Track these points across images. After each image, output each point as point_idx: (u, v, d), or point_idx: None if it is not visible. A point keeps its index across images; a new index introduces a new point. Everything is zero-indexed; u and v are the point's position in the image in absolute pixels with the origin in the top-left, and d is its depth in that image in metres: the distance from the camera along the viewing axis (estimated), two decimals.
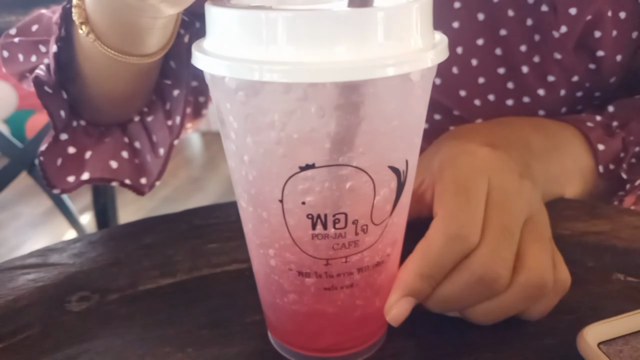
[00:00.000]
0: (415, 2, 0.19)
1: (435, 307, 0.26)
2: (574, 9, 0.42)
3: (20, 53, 0.40)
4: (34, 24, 0.40)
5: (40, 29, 0.40)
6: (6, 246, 2.12)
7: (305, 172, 0.20)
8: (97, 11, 0.31)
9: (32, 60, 0.39)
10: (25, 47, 0.39)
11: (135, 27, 0.31)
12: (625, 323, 0.26)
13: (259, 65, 0.18)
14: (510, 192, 0.27)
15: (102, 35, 0.32)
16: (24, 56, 0.39)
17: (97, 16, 0.31)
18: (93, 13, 0.31)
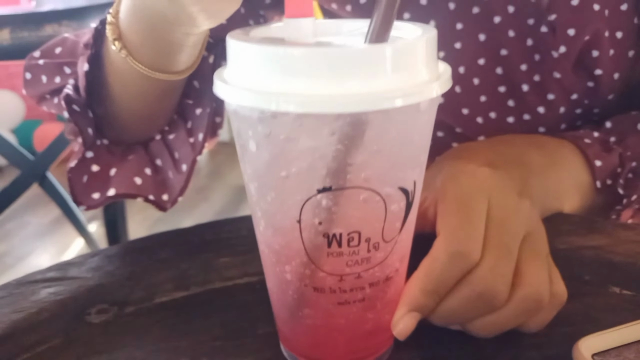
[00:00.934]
0: (421, 37, 0.21)
1: (439, 321, 0.28)
2: (573, 30, 0.43)
3: (43, 75, 0.41)
4: (58, 47, 0.41)
5: (64, 51, 0.41)
6: (14, 255, 2.14)
7: (321, 195, 0.21)
8: (131, 27, 0.33)
9: (55, 82, 0.41)
10: (49, 69, 0.41)
11: (167, 44, 0.32)
12: (619, 335, 0.27)
13: (278, 96, 0.19)
14: (509, 210, 0.28)
15: (134, 51, 0.34)
16: (48, 78, 0.41)
17: (131, 32, 0.33)
18: (127, 29, 0.33)
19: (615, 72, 0.45)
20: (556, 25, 0.43)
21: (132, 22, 0.33)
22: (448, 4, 0.44)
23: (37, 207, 2.33)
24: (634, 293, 0.33)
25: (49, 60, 0.41)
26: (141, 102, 0.39)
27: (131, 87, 0.38)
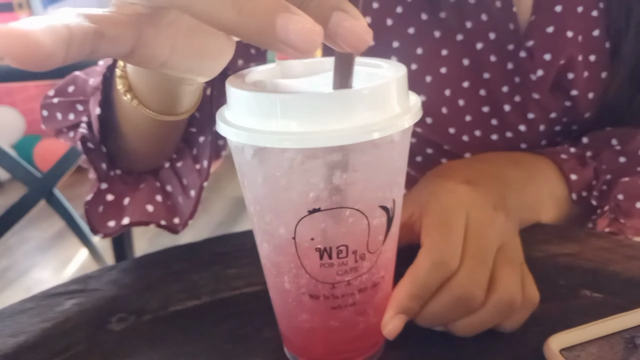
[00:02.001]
0: (393, 78, 0.24)
1: (424, 322, 0.31)
2: (549, 55, 0.47)
3: (58, 112, 0.44)
4: (70, 85, 0.45)
5: (77, 90, 0.44)
6: (16, 269, 2.17)
7: (312, 215, 0.25)
8: (139, 81, 0.36)
9: (69, 119, 0.44)
10: (63, 106, 0.44)
11: (173, 93, 0.35)
12: (585, 332, 0.30)
13: (272, 135, 0.22)
14: (485, 224, 0.32)
15: (143, 99, 0.36)
16: (62, 115, 0.44)
17: (140, 85, 0.36)
18: (136, 83, 0.36)
19: (589, 92, 0.48)
20: (533, 50, 0.47)
21: (140, 77, 0.36)
22: (434, 33, 0.47)
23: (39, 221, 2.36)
24: (603, 295, 0.36)
25: (63, 98, 0.44)
26: (150, 138, 0.42)
27: (141, 127, 0.40)
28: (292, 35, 0.18)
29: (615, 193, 0.46)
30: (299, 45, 0.18)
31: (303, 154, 0.23)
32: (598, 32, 0.47)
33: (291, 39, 0.18)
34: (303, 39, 0.18)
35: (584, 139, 0.49)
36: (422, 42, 0.47)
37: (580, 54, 0.47)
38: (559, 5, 0.46)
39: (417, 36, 0.47)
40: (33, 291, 1.39)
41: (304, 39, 0.18)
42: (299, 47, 0.18)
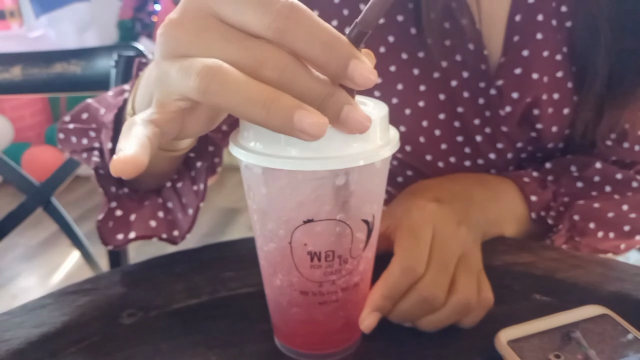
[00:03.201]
0: (377, 118, 0.30)
1: (395, 319, 0.36)
2: (516, 94, 0.52)
3: (73, 136, 0.49)
4: (84, 112, 0.49)
5: (90, 117, 0.49)
6: (2, 276, 2.18)
7: (306, 225, 0.30)
8: None
9: (83, 143, 0.48)
10: (77, 132, 0.49)
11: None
12: (529, 327, 0.36)
13: (276, 158, 0.28)
14: (448, 236, 0.37)
15: None
16: (77, 139, 0.48)
17: None
18: None
19: (553, 126, 0.54)
20: (502, 89, 0.52)
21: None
22: (413, 70, 0.52)
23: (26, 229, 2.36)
24: (551, 299, 0.41)
25: (77, 125, 0.49)
26: (155, 167, 0.45)
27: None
28: (306, 126, 0.24)
29: (572, 214, 0.52)
30: (311, 132, 0.24)
31: (301, 174, 0.29)
32: (562, 73, 0.52)
33: (305, 128, 0.24)
34: (314, 128, 0.24)
35: (547, 164, 0.55)
36: (402, 79, 0.53)
37: (545, 93, 0.52)
38: (526, 50, 0.51)
39: (398, 73, 0.53)
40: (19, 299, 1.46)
41: (315, 128, 0.24)
42: (311, 134, 0.24)
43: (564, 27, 0.51)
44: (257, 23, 0.24)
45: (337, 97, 0.25)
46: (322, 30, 0.24)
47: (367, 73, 0.25)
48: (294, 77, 0.25)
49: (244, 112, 0.24)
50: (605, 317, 0.37)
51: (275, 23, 0.24)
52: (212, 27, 0.25)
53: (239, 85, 0.24)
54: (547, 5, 0.51)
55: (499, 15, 0.52)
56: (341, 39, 0.25)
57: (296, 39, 0.24)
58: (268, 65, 0.24)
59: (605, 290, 0.41)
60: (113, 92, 0.50)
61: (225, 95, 0.24)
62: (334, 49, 0.24)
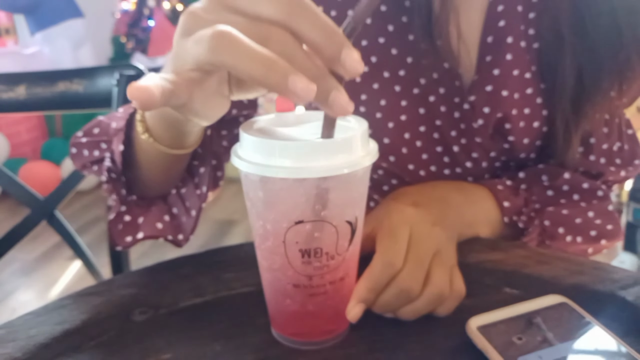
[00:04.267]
0: (358, 132, 0.35)
1: (378, 310, 0.41)
2: (487, 109, 0.57)
3: (85, 149, 0.53)
4: (95, 127, 0.54)
5: (101, 131, 0.53)
6: (1, 290, 2.21)
7: (297, 225, 0.35)
8: (155, 124, 0.44)
9: (94, 155, 0.53)
10: (90, 145, 0.53)
11: (181, 132, 0.44)
12: (497, 315, 0.41)
13: (271, 167, 0.33)
14: (424, 236, 0.42)
15: (157, 137, 0.45)
16: (89, 152, 0.53)
17: (155, 126, 0.44)
18: (152, 125, 0.44)
19: (525, 138, 0.59)
20: (475, 104, 0.57)
21: (155, 121, 0.44)
22: (394, 87, 0.57)
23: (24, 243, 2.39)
24: (519, 291, 0.46)
25: (90, 138, 0.53)
26: (161, 168, 0.50)
27: (154, 159, 0.49)
28: (298, 88, 0.27)
29: (543, 219, 0.57)
30: (300, 94, 0.28)
31: (293, 182, 0.33)
32: (531, 90, 0.57)
33: (297, 90, 0.27)
34: (304, 91, 0.28)
35: (520, 173, 0.60)
36: (385, 95, 0.58)
37: (515, 109, 0.57)
38: (497, 69, 0.56)
39: (381, 90, 0.58)
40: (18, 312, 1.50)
41: (304, 91, 0.28)
42: (300, 96, 0.28)
43: (532, 48, 0.57)
44: (269, 9, 0.29)
45: (328, 80, 0.30)
46: (323, 20, 0.29)
47: (356, 61, 0.29)
48: (294, 55, 0.29)
49: (247, 69, 0.28)
50: (563, 305, 0.42)
51: (286, 9, 0.29)
52: (228, 14, 0.30)
53: (245, 46, 0.28)
54: (516, 29, 0.56)
55: (472, 36, 0.58)
56: (338, 30, 0.30)
57: (301, 23, 0.29)
58: (272, 40, 0.29)
59: (566, 283, 0.46)
60: (123, 108, 0.55)
61: (232, 53, 0.28)
62: (331, 37, 0.29)
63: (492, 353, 0.37)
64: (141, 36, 3.72)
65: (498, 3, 0.56)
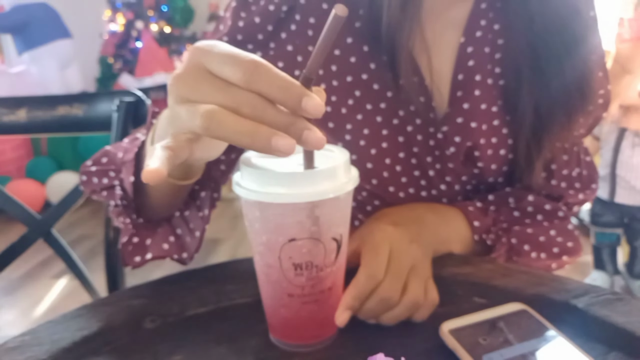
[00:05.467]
0: (341, 162, 0.41)
1: (362, 316, 0.47)
2: (458, 138, 0.64)
3: (95, 177, 0.58)
4: (103, 157, 0.59)
5: (109, 160, 0.59)
6: None
7: (291, 242, 0.41)
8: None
9: (104, 182, 0.58)
10: (98, 173, 0.58)
11: (187, 167, 0.49)
12: (466, 319, 0.47)
13: (268, 194, 0.39)
14: (402, 251, 0.49)
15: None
16: (98, 179, 0.58)
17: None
18: None
19: (492, 164, 0.65)
20: (447, 134, 0.64)
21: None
22: (376, 118, 0.63)
23: None
24: (486, 301, 0.52)
25: (99, 167, 0.59)
26: (167, 196, 0.55)
27: (162, 189, 0.53)
28: (280, 147, 0.33)
29: (510, 237, 0.64)
30: (283, 150, 0.33)
31: (287, 206, 0.39)
32: (498, 122, 0.64)
33: (280, 148, 0.33)
34: (286, 147, 0.33)
35: (490, 196, 0.67)
36: (367, 125, 0.64)
37: (483, 138, 0.64)
38: (467, 104, 0.63)
39: (364, 121, 0.64)
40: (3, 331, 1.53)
41: (286, 147, 0.33)
42: (284, 152, 0.33)
43: (498, 84, 0.64)
44: (232, 76, 0.34)
45: (298, 124, 0.35)
46: (279, 78, 0.34)
47: (316, 105, 0.34)
48: (264, 113, 0.34)
49: (236, 141, 0.34)
50: (523, 312, 0.48)
51: (244, 76, 0.34)
52: (204, 78, 0.35)
53: (230, 123, 0.34)
54: (484, 68, 0.64)
55: (445, 73, 0.65)
56: (294, 83, 0.34)
57: (260, 85, 0.34)
58: (243, 106, 0.34)
59: (527, 293, 0.52)
60: (128, 139, 0.61)
61: (221, 130, 0.34)
62: (288, 91, 0.34)
63: (461, 352, 0.43)
64: (129, 57, 3.78)
65: (468, 45, 0.63)
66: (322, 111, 0.34)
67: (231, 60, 0.34)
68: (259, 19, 0.62)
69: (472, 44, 0.63)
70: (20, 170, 3.47)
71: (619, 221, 2.10)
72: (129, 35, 3.78)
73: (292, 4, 0.63)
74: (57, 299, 2.38)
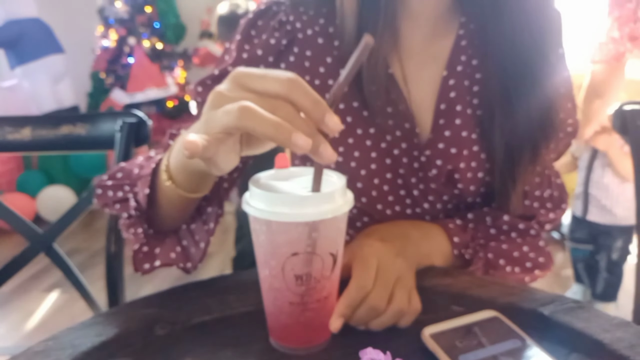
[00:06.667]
0: (339, 187, 0.47)
1: (354, 323, 0.53)
2: (440, 161, 0.70)
3: (110, 190, 0.63)
4: (119, 172, 0.64)
5: (124, 176, 0.64)
6: None
7: (293, 256, 0.46)
8: (178, 173, 0.54)
9: (118, 196, 0.63)
10: (113, 187, 0.63)
11: (199, 180, 0.55)
12: (445, 324, 0.53)
13: (273, 213, 0.44)
14: (389, 265, 0.54)
15: (178, 184, 0.54)
16: (113, 192, 0.63)
17: (177, 175, 0.54)
18: (175, 174, 0.54)
19: (471, 186, 0.72)
20: (430, 157, 0.70)
21: (178, 171, 0.54)
22: (365, 142, 0.69)
23: None
24: (463, 308, 0.58)
25: (113, 182, 0.64)
26: (178, 209, 0.61)
27: (173, 201, 0.59)
28: (299, 143, 0.39)
29: (487, 252, 0.70)
30: (301, 147, 0.39)
31: (290, 224, 0.45)
32: (477, 147, 0.70)
33: (298, 144, 0.39)
34: (304, 145, 0.39)
35: (469, 214, 0.73)
36: (358, 148, 0.70)
37: (463, 162, 0.70)
38: (448, 131, 0.70)
39: (355, 144, 0.70)
40: None
41: (304, 145, 0.39)
42: (301, 148, 0.39)
43: (476, 114, 0.71)
44: (275, 87, 0.41)
45: (318, 137, 0.41)
46: (312, 94, 0.41)
47: (336, 123, 0.41)
48: (294, 119, 0.41)
49: (263, 130, 0.39)
50: (495, 318, 0.54)
51: (284, 87, 0.41)
52: (245, 93, 0.42)
53: (262, 115, 0.40)
54: (463, 99, 0.70)
55: (428, 103, 0.71)
56: (322, 101, 0.41)
57: (297, 96, 0.41)
58: (278, 110, 0.41)
59: (499, 302, 0.58)
60: (143, 157, 0.66)
61: (253, 120, 0.40)
62: (317, 105, 0.41)
63: (440, 354, 0.49)
64: (121, 72, 3.82)
65: (450, 78, 0.70)
66: (339, 129, 0.41)
67: (272, 76, 0.41)
68: (261, 51, 0.69)
69: (454, 77, 0.70)
70: (10, 184, 3.48)
71: (590, 238, 2.17)
72: (121, 51, 3.83)
73: (291, 38, 0.69)
74: (48, 312, 2.40)
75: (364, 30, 0.65)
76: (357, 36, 0.66)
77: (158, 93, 3.78)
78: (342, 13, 0.67)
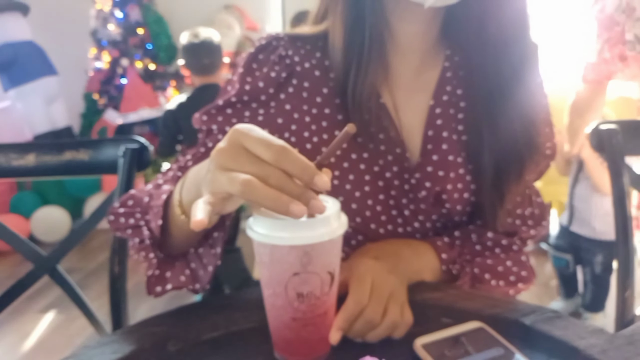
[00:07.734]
0: (334, 212, 0.52)
1: (351, 335, 0.57)
2: (429, 183, 0.75)
3: (122, 217, 0.68)
4: (129, 200, 0.69)
5: (135, 203, 0.69)
6: None
7: (294, 276, 0.51)
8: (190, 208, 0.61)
9: (130, 222, 0.67)
10: (125, 214, 0.68)
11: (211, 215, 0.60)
12: (436, 335, 0.57)
13: (276, 238, 0.49)
14: (382, 281, 0.59)
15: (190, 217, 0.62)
16: (125, 219, 0.68)
17: (189, 210, 0.61)
18: (188, 209, 0.59)
19: (458, 205, 0.77)
20: (419, 180, 0.75)
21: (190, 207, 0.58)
22: (359, 166, 0.74)
23: None
24: (452, 320, 0.63)
25: (125, 209, 0.69)
26: (187, 237, 0.65)
27: (184, 231, 0.63)
28: (294, 211, 0.44)
29: (473, 267, 0.75)
30: (297, 214, 0.45)
31: (291, 247, 0.50)
32: (463, 170, 0.75)
33: (294, 212, 0.45)
34: (299, 212, 0.45)
35: (456, 232, 0.78)
36: (352, 172, 0.75)
37: (450, 184, 0.75)
38: (436, 155, 0.75)
39: (349, 168, 0.75)
40: None
41: (299, 212, 0.45)
42: (296, 214, 0.45)
43: (462, 140, 0.76)
44: (265, 154, 0.46)
45: (307, 195, 0.46)
46: (299, 160, 0.46)
47: (324, 183, 0.46)
48: (285, 184, 0.46)
49: (263, 203, 0.45)
50: (481, 328, 0.59)
51: (274, 156, 0.45)
52: (241, 153, 0.47)
53: (261, 190, 0.45)
54: (449, 126, 0.76)
55: (417, 130, 0.77)
56: (310, 165, 0.46)
57: (285, 164, 0.45)
58: (270, 178, 0.46)
59: (485, 313, 0.63)
60: (152, 185, 0.71)
61: (253, 195, 0.45)
62: (305, 170, 0.46)
63: None
64: (114, 93, 3.87)
65: (436, 106, 0.76)
66: (328, 187, 0.46)
67: (265, 143, 0.46)
68: (262, 83, 0.74)
69: (440, 106, 0.76)
70: (4, 205, 3.48)
71: (569, 247, 2.22)
72: (114, 72, 3.88)
73: (290, 71, 0.75)
74: (44, 333, 2.41)
75: (350, 62, 0.70)
76: (344, 69, 0.71)
77: (151, 113, 3.82)
78: (332, 47, 0.73)
